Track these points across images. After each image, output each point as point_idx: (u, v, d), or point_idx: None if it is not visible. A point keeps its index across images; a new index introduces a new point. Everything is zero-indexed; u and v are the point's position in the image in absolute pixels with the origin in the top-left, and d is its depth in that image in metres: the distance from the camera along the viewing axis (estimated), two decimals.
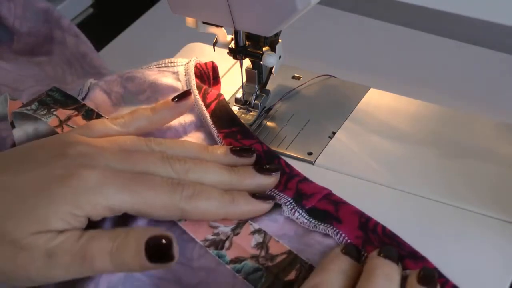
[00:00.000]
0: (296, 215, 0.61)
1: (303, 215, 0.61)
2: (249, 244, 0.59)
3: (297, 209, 0.62)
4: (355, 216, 0.61)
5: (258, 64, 0.72)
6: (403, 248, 0.58)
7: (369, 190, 0.66)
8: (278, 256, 0.58)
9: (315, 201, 0.62)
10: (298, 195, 0.63)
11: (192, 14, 0.69)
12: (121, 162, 0.59)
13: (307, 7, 0.63)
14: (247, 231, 0.60)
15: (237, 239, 0.59)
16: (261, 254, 0.58)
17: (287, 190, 0.63)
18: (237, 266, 0.58)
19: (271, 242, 0.59)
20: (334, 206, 0.62)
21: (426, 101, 0.74)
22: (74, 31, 0.83)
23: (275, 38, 0.71)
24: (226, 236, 0.59)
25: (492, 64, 0.84)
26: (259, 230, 0.60)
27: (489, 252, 0.60)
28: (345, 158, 0.69)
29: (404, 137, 0.71)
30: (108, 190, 0.57)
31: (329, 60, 0.84)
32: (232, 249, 0.59)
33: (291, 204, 0.62)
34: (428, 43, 0.87)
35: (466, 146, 0.69)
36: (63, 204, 0.56)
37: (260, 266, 0.58)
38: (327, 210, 0.62)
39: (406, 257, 0.57)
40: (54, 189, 0.56)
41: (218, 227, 0.60)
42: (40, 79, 0.80)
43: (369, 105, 0.74)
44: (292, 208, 0.62)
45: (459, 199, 0.64)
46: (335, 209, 0.62)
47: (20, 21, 0.84)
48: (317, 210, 0.62)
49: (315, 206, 0.62)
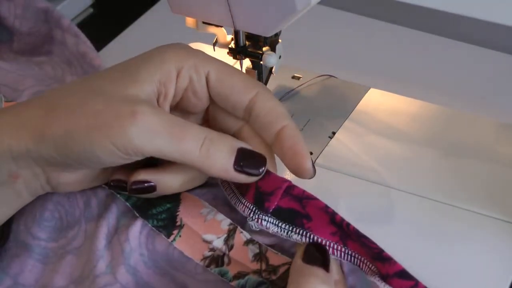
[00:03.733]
0: (264, 224, 0.57)
1: (271, 221, 0.57)
2: (247, 258, 0.58)
3: (262, 217, 0.57)
4: (322, 212, 0.57)
5: (258, 64, 0.72)
6: (370, 249, 0.55)
7: (369, 190, 0.66)
8: (280, 267, 0.57)
9: (277, 199, 0.58)
10: (258, 194, 0.58)
11: (192, 14, 0.69)
12: None
13: (307, 7, 0.63)
14: (240, 241, 0.58)
15: (234, 254, 0.58)
16: (263, 268, 0.57)
17: (247, 190, 0.59)
18: (241, 281, 0.57)
19: (269, 252, 0.58)
20: (299, 203, 0.58)
21: (426, 101, 0.74)
22: (74, 31, 0.83)
23: (275, 38, 0.71)
24: (222, 252, 0.58)
25: (492, 64, 0.84)
26: (252, 241, 0.58)
27: (489, 252, 0.60)
28: (345, 158, 0.69)
29: (404, 137, 0.71)
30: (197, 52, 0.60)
31: (329, 60, 0.84)
32: (232, 265, 0.58)
33: (255, 213, 0.58)
34: (428, 43, 0.87)
35: (466, 146, 0.69)
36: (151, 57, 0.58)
37: (264, 280, 0.56)
38: (292, 208, 0.58)
39: (375, 260, 0.55)
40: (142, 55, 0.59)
41: (211, 241, 0.59)
42: (40, 79, 0.80)
43: (369, 105, 0.74)
44: (257, 218, 0.57)
45: (459, 199, 0.64)
46: (301, 206, 0.58)
47: (20, 21, 0.84)
48: (282, 210, 0.58)
49: (279, 205, 0.58)
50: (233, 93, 0.59)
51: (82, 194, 0.61)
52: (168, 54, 0.59)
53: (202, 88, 0.60)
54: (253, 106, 0.60)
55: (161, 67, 0.58)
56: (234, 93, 0.59)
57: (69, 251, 0.60)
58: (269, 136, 0.60)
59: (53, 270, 0.59)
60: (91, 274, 0.58)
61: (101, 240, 0.59)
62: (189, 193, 0.61)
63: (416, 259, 0.57)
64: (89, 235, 0.60)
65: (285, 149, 0.59)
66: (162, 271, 0.58)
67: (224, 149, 0.57)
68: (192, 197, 0.61)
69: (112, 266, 0.58)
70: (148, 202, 0.60)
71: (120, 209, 0.61)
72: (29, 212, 0.61)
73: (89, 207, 0.61)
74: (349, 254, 0.56)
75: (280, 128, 0.59)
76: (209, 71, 0.59)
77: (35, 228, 0.60)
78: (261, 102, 0.59)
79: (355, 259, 0.56)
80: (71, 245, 0.60)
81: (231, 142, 0.57)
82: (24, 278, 0.59)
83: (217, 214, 0.60)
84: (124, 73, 0.58)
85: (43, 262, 0.59)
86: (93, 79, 0.58)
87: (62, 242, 0.60)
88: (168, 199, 0.60)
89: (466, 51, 0.85)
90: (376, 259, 0.55)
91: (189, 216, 0.60)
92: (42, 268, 0.59)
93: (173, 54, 0.59)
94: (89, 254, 0.59)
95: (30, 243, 0.60)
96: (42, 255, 0.60)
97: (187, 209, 0.60)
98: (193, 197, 0.61)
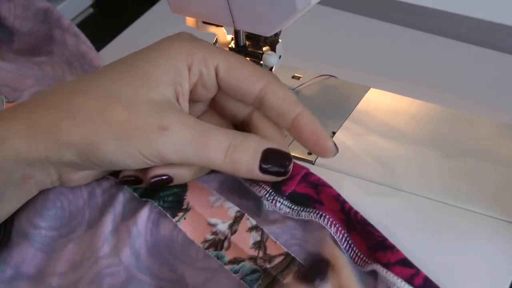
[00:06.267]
0: (278, 206, 0.61)
1: (285, 204, 0.61)
2: (247, 244, 0.59)
3: (277, 198, 0.61)
4: (334, 199, 0.61)
5: (258, 64, 0.72)
6: (374, 237, 0.58)
7: (369, 190, 0.66)
8: (276, 257, 0.58)
9: (294, 184, 0.61)
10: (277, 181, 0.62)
11: (192, 14, 0.69)
12: None
13: (307, 7, 0.63)
14: (245, 227, 0.60)
15: (235, 239, 0.59)
16: (259, 255, 0.58)
17: None
18: (235, 267, 0.58)
19: (269, 241, 0.59)
20: (314, 189, 0.61)
21: (426, 101, 0.74)
22: (74, 31, 0.83)
23: (275, 38, 0.71)
24: (224, 235, 0.59)
25: (492, 64, 0.84)
26: (257, 227, 0.60)
27: (489, 252, 0.61)
28: (345, 158, 0.69)
29: (404, 137, 0.71)
30: (204, 43, 0.61)
31: (329, 60, 0.84)
32: (230, 250, 0.59)
33: (271, 194, 0.61)
34: (428, 43, 0.87)
35: (466, 146, 0.69)
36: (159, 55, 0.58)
37: (258, 267, 0.58)
38: (307, 193, 0.61)
39: (377, 249, 0.57)
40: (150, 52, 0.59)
41: (216, 224, 0.60)
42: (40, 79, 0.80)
43: (369, 105, 0.74)
44: (272, 199, 0.61)
45: (459, 199, 0.64)
46: (315, 192, 0.61)
47: (20, 21, 0.84)
48: (297, 195, 0.61)
49: (295, 190, 0.61)
50: (242, 84, 0.60)
51: (86, 184, 0.62)
52: (175, 50, 0.59)
53: (211, 80, 0.60)
54: (264, 96, 0.60)
55: (173, 67, 0.58)
56: (243, 83, 0.60)
57: (71, 240, 0.60)
58: (285, 123, 0.61)
59: (53, 258, 0.59)
60: (93, 256, 0.58)
61: (107, 226, 0.60)
62: (197, 181, 0.62)
63: (416, 259, 0.57)
64: (92, 224, 0.61)
65: (306, 135, 0.60)
66: (163, 260, 0.59)
67: (248, 153, 0.58)
68: (199, 184, 0.62)
69: (118, 248, 0.58)
70: (155, 189, 0.61)
71: (126, 197, 0.61)
72: (31, 203, 0.61)
73: (93, 197, 0.61)
74: (348, 243, 0.59)
75: (295, 116, 0.60)
76: (218, 63, 0.60)
77: (36, 218, 0.60)
78: (271, 92, 0.60)
79: (352, 252, 0.59)
80: (73, 234, 0.60)
81: (255, 145, 0.58)
82: (25, 268, 0.59)
83: (225, 202, 0.61)
84: (136, 76, 0.57)
85: (44, 250, 0.60)
86: (105, 80, 0.57)
87: (64, 231, 0.61)
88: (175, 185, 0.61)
89: (466, 51, 0.85)
90: (378, 248, 0.57)
91: (197, 201, 0.61)
92: (42, 257, 0.59)
93: (181, 50, 0.59)
94: (92, 240, 0.59)
95: (31, 232, 0.60)
96: (42, 243, 0.60)
97: (195, 196, 0.61)
98: (200, 185, 0.62)
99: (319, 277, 0.54)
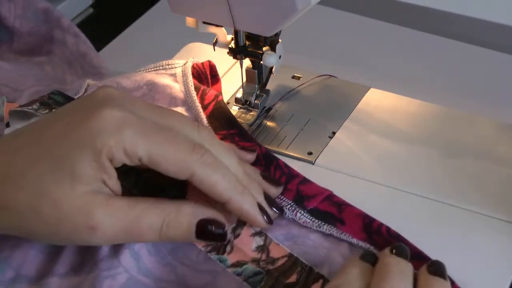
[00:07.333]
0: (298, 216, 0.61)
1: (305, 215, 0.61)
2: (249, 248, 0.59)
3: (298, 210, 0.61)
4: (358, 218, 0.61)
5: (258, 64, 0.72)
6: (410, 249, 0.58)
7: (369, 190, 0.66)
8: (279, 259, 0.58)
9: (317, 202, 0.62)
10: (299, 197, 0.63)
11: (192, 14, 0.69)
12: (148, 111, 0.57)
13: (307, 7, 0.63)
14: (248, 233, 0.60)
15: (238, 243, 0.59)
16: (262, 258, 0.58)
17: (287, 191, 0.63)
18: (238, 269, 0.58)
19: (272, 245, 0.59)
20: (337, 208, 0.62)
21: (426, 101, 0.74)
22: (74, 31, 0.83)
23: (275, 38, 0.71)
24: (227, 239, 0.59)
25: (492, 64, 0.84)
26: (260, 233, 0.60)
27: (489, 252, 0.60)
28: (345, 158, 0.69)
29: (404, 137, 0.71)
30: (126, 132, 0.55)
31: (329, 60, 0.84)
32: (233, 254, 0.59)
33: (292, 206, 0.62)
34: (428, 43, 0.87)
35: (467, 146, 0.69)
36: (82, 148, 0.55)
37: (261, 269, 0.58)
38: (329, 211, 0.62)
39: (412, 257, 0.57)
40: (73, 134, 0.55)
41: None
42: (40, 79, 0.80)
43: (369, 105, 0.74)
44: (294, 210, 0.62)
45: (459, 199, 0.64)
46: (338, 211, 0.62)
47: (20, 21, 0.84)
48: (319, 212, 0.62)
49: (317, 207, 0.62)
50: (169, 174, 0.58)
51: None
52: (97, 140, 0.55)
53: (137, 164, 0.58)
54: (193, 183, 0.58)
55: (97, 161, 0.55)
56: (170, 174, 0.57)
57: None
58: None
59: (54, 260, 0.59)
60: (93, 258, 0.58)
61: None
62: None
63: None
64: None
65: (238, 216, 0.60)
66: (164, 261, 0.59)
67: (182, 228, 0.57)
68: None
69: (116, 250, 0.59)
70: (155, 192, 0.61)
71: None
72: None
73: None
74: None
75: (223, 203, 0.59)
76: (140, 157, 0.56)
77: None
78: (198, 183, 0.58)
79: None
80: None
81: (188, 220, 0.57)
82: (26, 269, 0.59)
83: None
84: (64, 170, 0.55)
85: (44, 252, 0.60)
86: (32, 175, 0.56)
87: None
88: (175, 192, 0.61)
89: (466, 51, 0.85)
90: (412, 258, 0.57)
91: None
92: (43, 258, 0.59)
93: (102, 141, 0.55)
94: None
95: None
96: (43, 245, 0.60)
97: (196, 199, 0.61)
98: None
99: None
